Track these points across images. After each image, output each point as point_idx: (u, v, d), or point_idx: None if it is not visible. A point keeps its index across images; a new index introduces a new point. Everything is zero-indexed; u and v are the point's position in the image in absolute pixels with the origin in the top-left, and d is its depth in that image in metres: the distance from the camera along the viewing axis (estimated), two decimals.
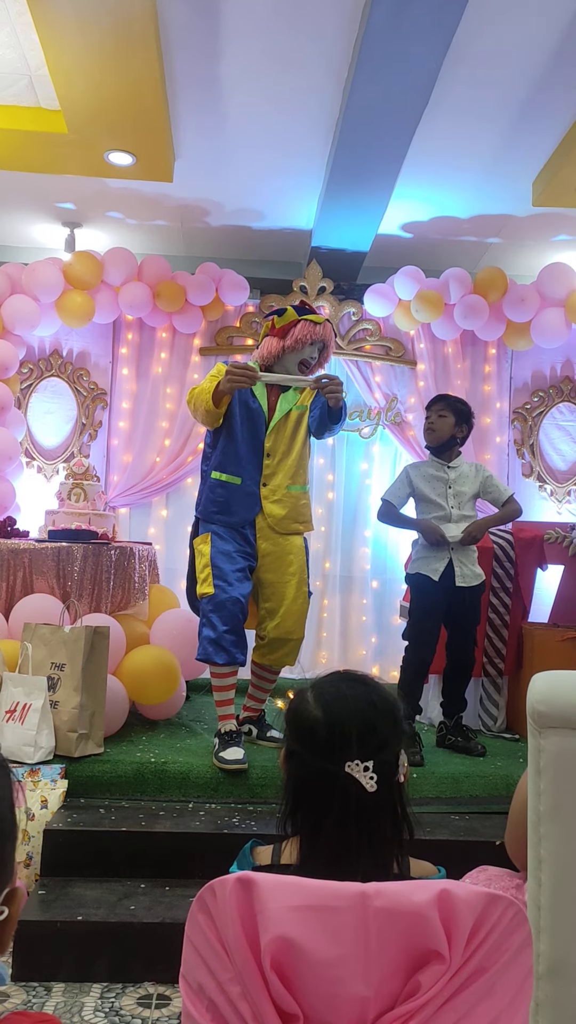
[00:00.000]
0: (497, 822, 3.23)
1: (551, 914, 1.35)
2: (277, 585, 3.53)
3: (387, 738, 1.15)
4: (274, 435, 3.54)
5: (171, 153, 4.26)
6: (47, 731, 3.31)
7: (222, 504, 3.49)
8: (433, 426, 3.84)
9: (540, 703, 1.37)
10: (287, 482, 3.54)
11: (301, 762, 1.17)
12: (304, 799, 1.17)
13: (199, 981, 1.00)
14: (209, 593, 3.40)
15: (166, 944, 2.48)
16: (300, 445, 3.59)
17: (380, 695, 1.19)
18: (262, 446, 3.52)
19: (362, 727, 1.14)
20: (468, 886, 0.98)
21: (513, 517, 3.87)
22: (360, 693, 1.18)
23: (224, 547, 3.46)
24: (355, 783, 1.12)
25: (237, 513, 3.49)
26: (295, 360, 3.54)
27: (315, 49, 3.45)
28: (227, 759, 3.35)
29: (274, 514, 3.51)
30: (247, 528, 3.51)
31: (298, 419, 3.59)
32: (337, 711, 1.15)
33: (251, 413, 3.53)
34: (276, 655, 3.60)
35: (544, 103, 3.75)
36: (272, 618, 3.54)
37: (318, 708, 1.17)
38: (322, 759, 1.14)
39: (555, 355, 5.54)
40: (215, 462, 3.55)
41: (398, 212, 4.82)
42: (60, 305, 5.02)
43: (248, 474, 3.51)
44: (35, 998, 2.41)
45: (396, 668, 3.82)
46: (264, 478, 3.52)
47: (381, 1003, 0.94)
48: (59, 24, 3.25)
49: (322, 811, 1.14)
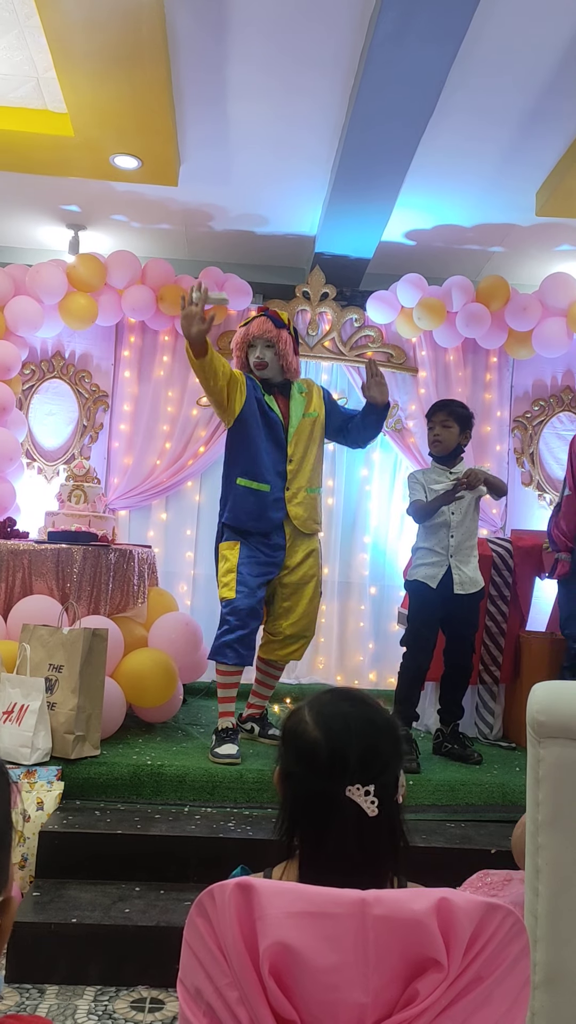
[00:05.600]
0: (493, 830, 3.22)
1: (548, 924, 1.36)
2: (296, 586, 3.74)
3: (388, 760, 1.12)
4: (294, 441, 3.72)
5: (176, 157, 4.27)
6: (44, 733, 3.31)
7: (254, 512, 3.65)
8: (439, 437, 3.81)
9: (540, 713, 1.37)
10: (306, 484, 3.75)
11: (300, 783, 1.14)
12: (302, 820, 1.15)
13: (197, 986, 1.00)
14: (230, 597, 3.58)
15: (160, 948, 2.48)
16: (316, 450, 3.80)
17: (380, 715, 1.16)
18: (284, 452, 3.70)
19: (364, 750, 1.11)
20: (467, 895, 0.98)
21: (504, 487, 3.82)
22: (361, 713, 1.14)
23: (250, 555, 3.63)
24: (355, 807, 1.09)
25: (269, 519, 3.66)
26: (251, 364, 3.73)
27: (321, 56, 3.46)
28: (220, 754, 3.50)
29: (298, 516, 3.71)
30: (275, 533, 3.69)
31: (312, 425, 3.78)
32: (338, 733, 1.12)
33: (270, 421, 3.70)
34: (287, 651, 3.81)
35: (549, 113, 3.76)
36: (288, 617, 3.75)
37: (317, 729, 1.13)
38: (322, 781, 1.11)
39: (556, 364, 5.55)
40: (240, 469, 3.69)
41: (402, 219, 4.83)
42: (63, 307, 5.02)
43: (273, 480, 3.68)
44: (28, 1000, 2.41)
45: (393, 675, 3.83)
46: (287, 483, 3.70)
47: (379, 1010, 0.94)
48: (67, 27, 3.26)
49: (322, 832, 1.12)
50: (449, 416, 3.81)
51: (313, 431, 3.78)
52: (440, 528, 3.78)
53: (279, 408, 3.73)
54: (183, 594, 5.28)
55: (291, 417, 3.73)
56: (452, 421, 3.80)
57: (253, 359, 3.70)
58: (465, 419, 3.84)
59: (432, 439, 3.85)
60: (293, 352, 3.76)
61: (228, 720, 3.63)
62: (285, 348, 3.70)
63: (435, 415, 3.86)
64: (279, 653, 3.82)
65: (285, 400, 3.76)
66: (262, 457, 3.66)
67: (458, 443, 3.83)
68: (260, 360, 3.69)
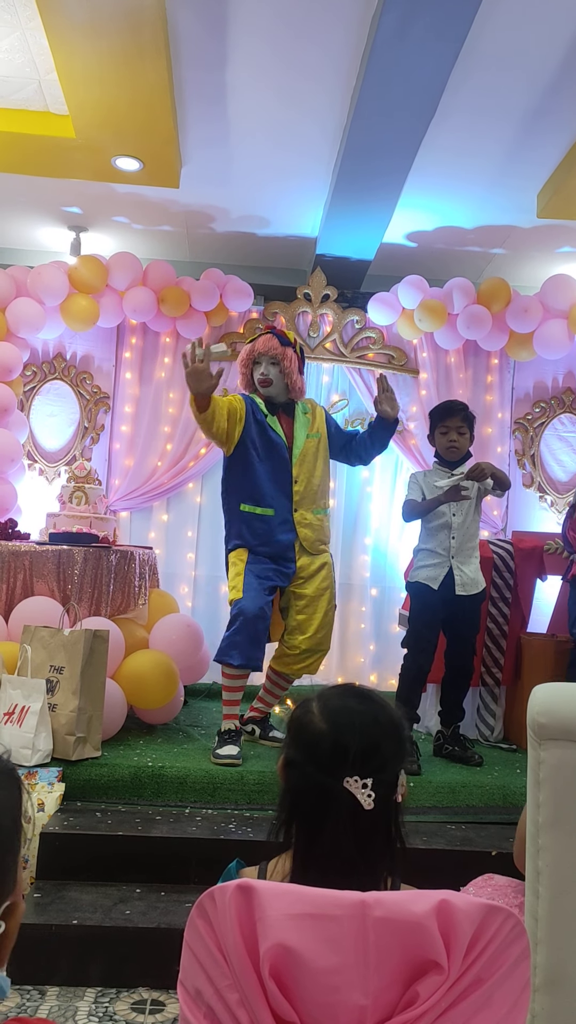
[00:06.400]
0: (493, 832, 3.22)
1: (549, 926, 1.36)
2: (311, 598, 3.73)
3: (389, 758, 1.13)
4: (299, 462, 3.71)
5: (178, 159, 4.28)
6: (45, 734, 3.31)
7: (263, 536, 3.65)
8: (456, 444, 3.82)
9: (541, 715, 1.37)
10: (312, 506, 3.74)
11: (300, 773, 1.15)
12: (300, 810, 1.16)
13: (197, 987, 1.00)
14: (238, 599, 3.57)
15: (161, 949, 2.48)
16: (321, 470, 3.79)
17: (386, 713, 1.17)
18: (289, 474, 3.69)
19: (365, 744, 1.12)
20: (467, 897, 0.98)
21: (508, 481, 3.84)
22: (367, 709, 1.16)
23: (260, 563, 3.63)
24: (352, 799, 1.10)
25: (279, 542, 3.66)
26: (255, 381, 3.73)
27: (323, 58, 3.46)
28: (221, 755, 3.50)
29: (308, 537, 3.71)
30: (286, 553, 3.68)
31: (316, 446, 3.78)
32: (342, 725, 1.14)
33: (273, 444, 3.69)
34: (302, 665, 3.78)
35: (551, 115, 3.77)
36: (304, 631, 3.72)
37: (323, 720, 1.15)
38: (322, 772, 1.12)
39: (557, 366, 5.55)
40: (241, 494, 3.68)
41: (403, 221, 4.83)
42: (65, 308, 5.03)
43: (279, 503, 3.67)
44: (29, 1002, 2.41)
45: (394, 676, 3.83)
46: (295, 504, 3.70)
47: (379, 1012, 0.94)
48: (69, 29, 3.27)
49: (317, 824, 1.13)
50: (463, 422, 3.84)
51: (318, 451, 3.77)
52: (441, 529, 3.79)
53: (283, 429, 3.71)
54: (184, 595, 5.28)
55: (295, 438, 3.72)
56: (466, 427, 3.85)
57: (258, 375, 3.69)
58: (473, 423, 3.91)
59: (447, 444, 3.83)
60: (298, 371, 3.74)
61: (232, 722, 3.63)
62: (290, 367, 3.69)
63: (449, 420, 3.84)
64: (294, 667, 3.79)
65: (289, 421, 3.74)
66: (262, 482, 3.65)
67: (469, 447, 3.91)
68: (265, 377, 3.68)
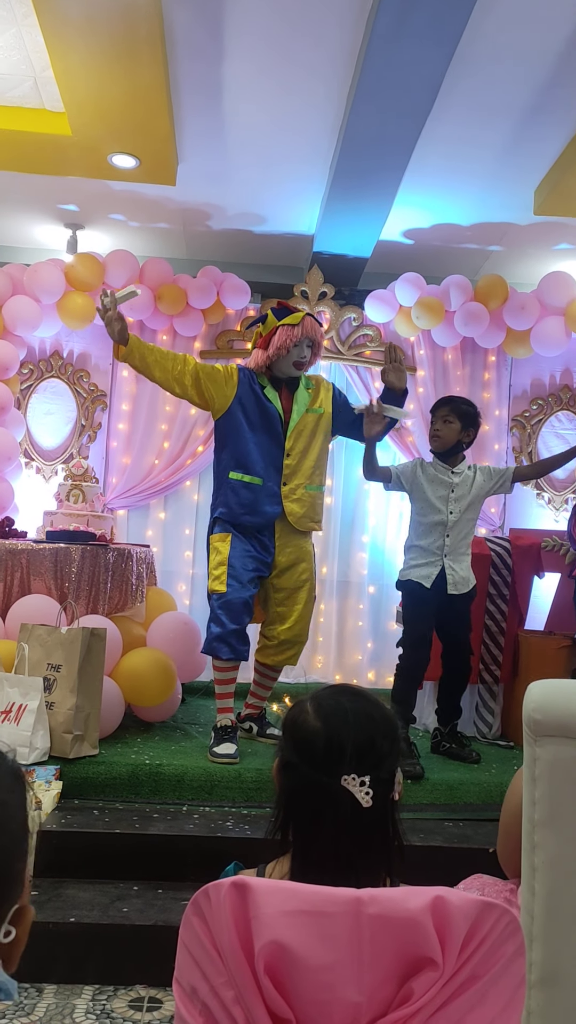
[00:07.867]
0: (491, 829, 3.22)
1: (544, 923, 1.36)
2: (290, 591, 3.73)
3: (385, 755, 1.14)
4: (294, 436, 3.69)
5: (174, 156, 4.27)
6: (42, 732, 3.31)
7: (249, 505, 3.62)
8: (439, 433, 3.74)
9: (536, 712, 1.37)
10: (305, 482, 3.71)
11: (297, 773, 1.15)
12: (297, 811, 1.16)
13: (192, 984, 1.00)
14: (221, 591, 3.55)
15: (158, 947, 2.47)
16: (319, 447, 3.76)
17: (380, 711, 1.18)
18: (281, 447, 3.67)
19: (360, 741, 1.12)
20: (462, 893, 0.98)
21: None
22: (360, 707, 1.16)
23: (242, 549, 3.60)
24: (350, 797, 1.10)
25: (264, 513, 3.63)
26: (287, 364, 3.65)
27: (319, 55, 3.45)
28: (219, 753, 3.49)
29: (294, 512, 3.67)
30: (267, 532, 3.66)
31: (316, 422, 3.74)
32: (336, 724, 1.14)
33: (267, 414, 3.67)
34: (283, 656, 3.80)
35: (548, 111, 3.76)
36: (283, 622, 3.73)
37: (317, 720, 1.15)
38: (318, 771, 1.12)
39: (555, 364, 5.55)
40: (230, 462, 3.67)
41: (400, 219, 4.83)
42: (61, 306, 5.02)
43: (268, 474, 3.65)
44: (26, 999, 2.41)
45: (391, 674, 3.82)
46: (284, 478, 3.67)
47: (374, 1009, 0.94)
48: (65, 26, 3.26)
49: (315, 824, 1.13)
50: (451, 412, 3.73)
51: (317, 427, 3.73)
52: (435, 527, 3.73)
53: (281, 402, 3.69)
54: (182, 593, 5.28)
55: (293, 412, 3.69)
56: (454, 417, 3.72)
57: (293, 359, 3.65)
58: (469, 416, 3.74)
59: (431, 433, 3.78)
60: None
61: (227, 716, 3.62)
62: (320, 351, 3.77)
63: (438, 410, 3.78)
64: (275, 658, 3.81)
65: (289, 394, 3.71)
66: (252, 449, 3.62)
67: (459, 440, 3.73)
68: (303, 360, 3.68)
